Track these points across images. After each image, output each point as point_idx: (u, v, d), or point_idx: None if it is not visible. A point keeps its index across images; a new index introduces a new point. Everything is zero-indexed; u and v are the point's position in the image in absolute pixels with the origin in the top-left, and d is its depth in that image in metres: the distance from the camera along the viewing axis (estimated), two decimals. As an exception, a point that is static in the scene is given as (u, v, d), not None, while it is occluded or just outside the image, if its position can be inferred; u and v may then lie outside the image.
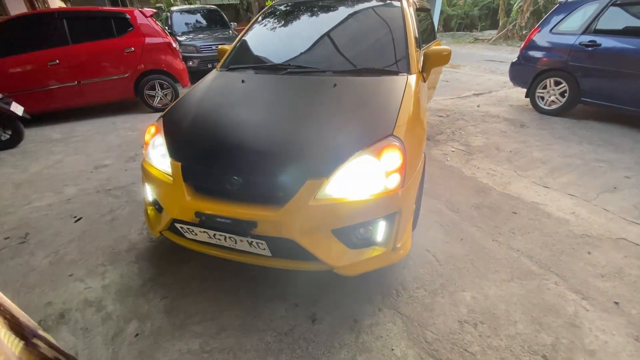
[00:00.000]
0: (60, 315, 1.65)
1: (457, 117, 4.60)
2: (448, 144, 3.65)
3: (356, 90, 1.84)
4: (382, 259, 1.55)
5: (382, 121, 1.58)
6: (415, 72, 2.04)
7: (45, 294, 1.77)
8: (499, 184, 2.75)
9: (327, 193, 1.41)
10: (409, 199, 1.54)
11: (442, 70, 4.22)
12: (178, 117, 1.83)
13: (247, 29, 2.62)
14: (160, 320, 1.60)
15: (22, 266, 1.98)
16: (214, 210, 1.46)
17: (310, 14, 2.56)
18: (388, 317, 1.58)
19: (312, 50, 2.27)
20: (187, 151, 1.62)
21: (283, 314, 1.61)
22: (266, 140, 1.54)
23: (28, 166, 3.37)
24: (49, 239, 2.22)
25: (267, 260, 1.55)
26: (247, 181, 1.45)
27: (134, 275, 1.88)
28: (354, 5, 2.51)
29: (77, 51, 4.37)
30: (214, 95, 1.96)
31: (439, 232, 2.18)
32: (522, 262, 1.90)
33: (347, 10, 2.47)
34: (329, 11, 2.54)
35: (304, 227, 1.40)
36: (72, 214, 2.49)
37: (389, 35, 2.25)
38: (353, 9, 2.47)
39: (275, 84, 1.99)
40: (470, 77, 7.35)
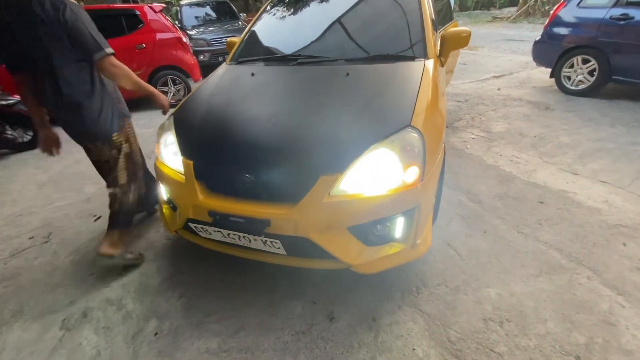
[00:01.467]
0: (83, 314, 1.68)
1: (477, 101, 4.40)
2: (467, 130, 3.49)
3: (370, 79, 1.75)
4: (402, 256, 1.48)
5: (399, 111, 1.50)
6: (432, 56, 1.92)
7: (69, 293, 1.81)
8: (523, 172, 2.61)
9: (342, 189, 1.35)
10: (428, 192, 1.46)
11: (459, 53, 4.02)
12: (188, 114, 1.80)
13: (255, 20, 2.55)
14: (178, 319, 1.61)
15: (46, 265, 2.03)
16: (227, 209, 1.43)
17: (320, 0, 2.45)
18: (408, 315, 1.53)
19: (322, 39, 2.17)
20: (198, 149, 1.59)
21: (300, 312, 1.59)
22: (276, 135, 1.48)
23: (49, 166, 3.45)
24: (71, 238, 2.27)
25: (282, 258, 1.52)
26: (258, 179, 1.41)
27: (153, 274, 1.89)
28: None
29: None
30: (224, 90, 1.92)
31: (461, 225, 2.08)
32: (550, 255, 1.80)
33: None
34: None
35: (319, 225, 1.36)
36: (92, 213, 2.54)
37: (403, 19, 2.13)
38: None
39: (286, 75, 1.92)
40: (489, 59, 7.02)
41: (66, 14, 1.47)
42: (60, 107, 1.65)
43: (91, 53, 1.55)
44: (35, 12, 1.44)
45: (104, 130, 1.74)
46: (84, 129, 1.72)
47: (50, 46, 1.50)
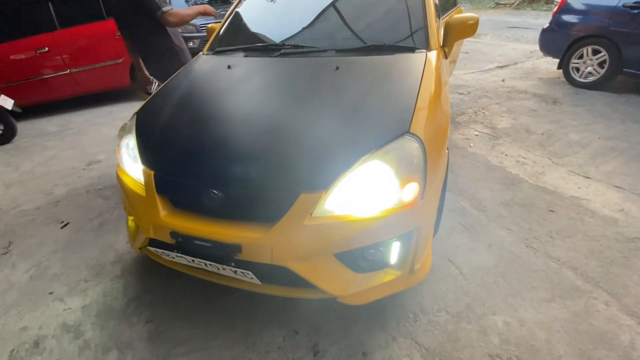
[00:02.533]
0: (34, 343, 1.47)
1: (480, 94, 4.15)
2: (470, 126, 3.26)
3: (363, 74, 1.51)
4: (397, 284, 1.28)
5: (396, 114, 1.27)
6: (435, 47, 1.69)
7: (22, 317, 1.61)
8: (531, 175, 2.40)
9: (327, 209, 1.13)
10: (429, 210, 1.25)
11: (463, 41, 3.75)
12: (152, 114, 1.56)
13: (237, 3, 2.27)
14: (142, 350, 1.41)
15: (2, 282, 1.82)
16: (192, 231, 1.22)
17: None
18: (404, 349, 1.34)
19: (311, 25, 1.92)
20: (161, 157, 1.36)
21: (281, 344, 1.39)
22: (250, 143, 1.25)
23: (20, 164, 3.21)
24: (33, 248, 2.06)
25: (257, 286, 1.31)
26: (228, 195, 1.18)
27: (118, 294, 1.68)
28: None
29: (66, 37, 4.10)
30: (195, 85, 1.67)
31: (463, 237, 1.88)
32: (564, 275, 1.60)
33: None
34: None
35: (299, 251, 1.14)
36: (59, 219, 2.31)
37: (403, 4, 1.87)
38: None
39: (266, 69, 1.68)
40: (492, 48, 6.72)
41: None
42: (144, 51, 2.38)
43: (153, 12, 2.11)
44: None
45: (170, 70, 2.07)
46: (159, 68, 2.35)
47: (132, 10, 2.15)
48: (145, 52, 2.35)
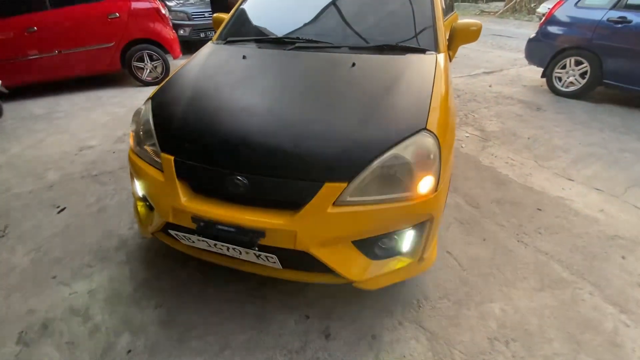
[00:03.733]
0: (43, 325, 1.46)
1: (469, 97, 4.33)
2: (462, 128, 3.41)
3: (379, 72, 1.58)
4: (408, 271, 1.37)
5: (413, 111, 1.34)
6: (443, 50, 1.78)
7: (27, 300, 1.58)
8: (519, 176, 2.56)
9: (349, 199, 1.19)
10: (441, 202, 1.33)
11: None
12: (170, 99, 1.56)
13: (247, -5, 2.28)
14: (155, 333, 1.43)
15: (2, 264, 1.78)
16: (215, 216, 1.25)
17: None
18: (410, 332, 1.43)
19: (325, 21, 1.96)
20: (181, 142, 1.37)
21: (293, 328, 1.45)
22: (276, 133, 1.29)
23: (8, 147, 3.07)
24: (31, 232, 2.01)
25: (276, 271, 1.36)
26: (253, 182, 1.22)
27: (125, 279, 1.68)
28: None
29: (57, 17, 3.93)
30: (212, 73, 1.68)
31: (460, 231, 2.00)
32: (552, 267, 1.75)
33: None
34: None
35: (321, 237, 1.20)
36: (54, 204, 2.26)
37: (414, 7, 1.95)
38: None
39: (283, 61, 1.71)
40: (478, 54, 6.96)
41: None
42: None
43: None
44: None
45: None
46: None
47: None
48: None
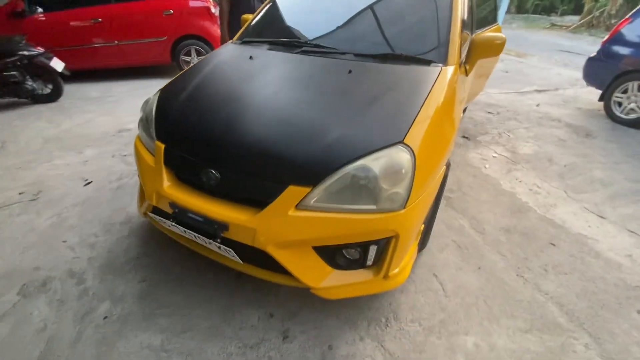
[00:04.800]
0: (43, 282, 1.65)
1: (510, 115, 4.03)
2: (491, 147, 3.19)
3: (373, 80, 1.55)
4: (370, 287, 1.33)
5: (394, 123, 1.30)
6: (453, 63, 1.69)
7: (37, 258, 1.79)
8: (541, 205, 2.33)
9: (312, 204, 1.19)
10: (412, 221, 1.27)
11: (499, 58, 3.65)
12: (173, 92, 1.68)
13: (272, -2, 2.36)
14: (131, 305, 1.54)
15: (26, 224, 2.03)
16: (187, 204, 1.32)
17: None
18: (369, 349, 1.38)
19: (336, 28, 1.96)
20: (173, 133, 1.47)
21: (255, 323, 1.47)
22: (252, 132, 1.33)
23: (61, 122, 3.50)
24: (57, 199, 2.27)
25: (238, 264, 1.39)
26: (224, 177, 1.28)
27: (121, 252, 1.84)
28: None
29: (119, 10, 4.39)
30: (216, 71, 1.78)
31: (455, 254, 1.88)
32: (548, 309, 1.57)
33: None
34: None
35: (280, 238, 1.21)
36: (84, 177, 2.53)
37: (430, 16, 1.88)
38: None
39: (285, 64, 1.75)
40: (536, 70, 6.45)
41: None
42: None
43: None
44: None
45: None
46: None
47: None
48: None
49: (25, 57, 3.60)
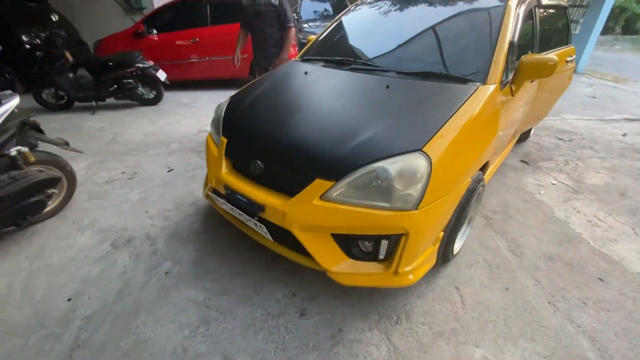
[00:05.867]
0: (127, 240, 2.11)
1: (584, 144, 3.68)
2: (552, 174, 2.98)
3: (408, 95, 1.69)
4: (379, 279, 1.45)
5: (417, 133, 1.43)
6: (494, 82, 1.74)
7: (126, 221, 2.29)
8: (597, 239, 2.14)
9: (334, 196, 1.38)
10: (424, 222, 1.37)
11: (571, 77, 3.40)
12: (241, 98, 2.04)
13: (333, 22, 2.66)
14: (186, 267, 1.89)
15: (122, 196, 2.59)
16: (237, 187, 1.62)
17: (398, 8, 2.41)
18: (375, 339, 1.49)
19: (383, 48, 2.16)
20: (234, 130, 1.81)
21: (279, 298, 1.69)
22: (292, 132, 1.59)
23: (157, 121, 4.27)
24: (146, 180, 2.82)
25: (270, 243, 1.64)
26: (267, 167, 1.55)
27: (186, 226, 2.24)
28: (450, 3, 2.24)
29: (212, 32, 5.20)
30: (276, 83, 2.10)
31: (482, 272, 1.86)
32: (577, 341, 1.48)
33: (440, 8, 2.23)
34: (421, 6, 2.34)
35: (304, 223, 1.42)
36: (168, 165, 3.08)
37: (476, 37, 1.95)
38: (448, 6, 2.21)
39: (333, 79, 1.99)
40: (631, 96, 5.70)
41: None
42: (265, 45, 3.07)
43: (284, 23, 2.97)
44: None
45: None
46: (269, 56, 3.09)
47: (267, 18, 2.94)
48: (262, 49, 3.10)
49: (139, 68, 4.50)
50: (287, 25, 2.96)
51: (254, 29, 2.99)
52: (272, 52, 3.05)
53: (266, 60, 3.08)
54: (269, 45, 3.01)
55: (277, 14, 2.89)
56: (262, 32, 2.96)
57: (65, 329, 1.53)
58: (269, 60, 3.07)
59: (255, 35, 3.03)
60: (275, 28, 2.97)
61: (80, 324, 1.55)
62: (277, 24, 2.95)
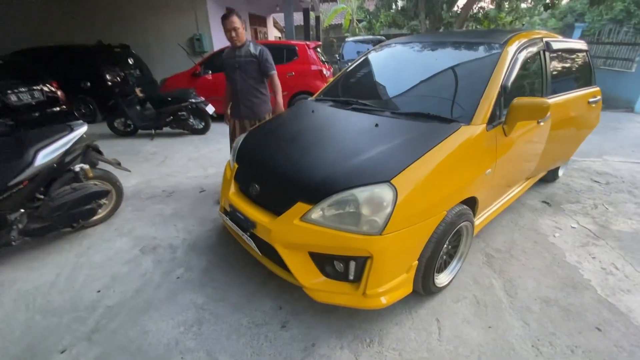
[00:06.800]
0: (154, 247, 2.47)
1: (623, 187, 3.43)
2: (574, 217, 2.84)
3: (393, 133, 1.86)
4: (350, 299, 1.57)
5: (389, 166, 1.59)
6: (479, 122, 1.85)
7: (156, 231, 2.68)
8: (607, 287, 2.01)
9: (312, 217, 1.58)
10: (389, 248, 1.49)
11: (598, 117, 3.26)
12: (255, 132, 2.38)
13: (349, 66, 2.97)
14: (195, 274, 2.17)
15: (157, 210, 3.02)
16: (238, 206, 1.89)
17: (404, 56, 2.65)
18: (344, 357, 1.58)
19: (384, 90, 2.39)
20: (244, 158, 2.12)
21: (266, 310, 1.87)
22: (283, 160, 1.84)
23: (201, 148, 4.86)
24: (181, 198, 3.25)
25: (259, 256, 1.86)
26: (261, 190, 1.81)
27: (203, 240, 2.55)
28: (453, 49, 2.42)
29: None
30: (287, 119, 2.41)
31: (468, 308, 1.87)
32: (552, 388, 1.43)
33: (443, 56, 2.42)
34: (425, 54, 2.56)
35: (286, 240, 1.63)
36: (201, 187, 3.51)
37: (468, 83, 2.10)
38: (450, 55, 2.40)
39: (333, 117, 2.25)
40: (697, 140, 5.12)
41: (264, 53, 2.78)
42: (245, 98, 2.90)
43: (265, 71, 2.82)
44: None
45: (263, 112, 2.96)
46: (253, 111, 2.93)
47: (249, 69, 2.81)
48: (245, 100, 2.89)
49: (193, 103, 5.22)
50: (268, 73, 2.82)
51: (236, 80, 2.84)
52: (253, 102, 2.89)
53: (248, 109, 2.90)
54: (250, 95, 2.88)
55: (258, 64, 2.79)
56: (245, 83, 2.83)
57: (90, 314, 1.86)
58: (251, 110, 2.90)
59: (237, 86, 2.86)
60: (257, 79, 2.86)
61: (102, 312, 1.88)
62: (259, 74, 2.84)
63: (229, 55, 2.85)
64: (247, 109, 2.91)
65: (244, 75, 2.82)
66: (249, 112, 2.92)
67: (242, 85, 2.84)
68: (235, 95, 2.92)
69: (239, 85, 2.85)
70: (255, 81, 2.86)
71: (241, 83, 2.84)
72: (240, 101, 2.90)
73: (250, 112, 2.92)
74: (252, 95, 2.89)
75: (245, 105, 2.90)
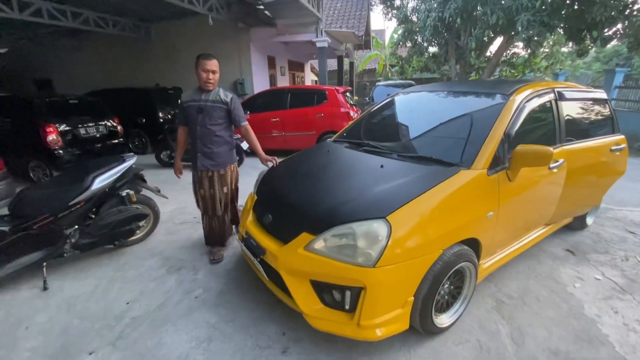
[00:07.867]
0: (179, 268, 2.72)
1: (662, 241, 3.19)
2: (600, 268, 2.70)
3: (395, 173, 2.01)
4: (345, 329, 1.67)
5: (386, 204, 1.73)
6: (480, 167, 1.95)
7: (183, 253, 2.95)
8: (628, 344, 1.89)
9: (314, 247, 1.74)
10: (382, 280, 1.59)
11: (623, 164, 3.16)
12: (276, 168, 2.64)
13: (367, 111, 3.23)
14: (212, 295, 2.36)
15: (188, 234, 3.33)
16: (253, 234, 2.10)
17: (418, 103, 2.86)
18: (337, 386, 1.64)
19: (394, 134, 2.58)
20: (262, 190, 2.37)
21: (270, 334, 1.99)
22: (294, 194, 2.06)
23: (233, 180, 5.26)
24: (209, 225, 3.54)
25: (267, 281, 2.02)
26: (273, 219, 2.02)
27: (223, 264, 2.77)
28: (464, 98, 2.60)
29: (289, 114, 6.39)
30: (305, 157, 2.67)
31: (469, 352, 1.85)
32: None
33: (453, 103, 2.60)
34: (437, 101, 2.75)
35: (290, 267, 1.79)
36: (228, 215, 3.80)
37: (473, 130, 2.22)
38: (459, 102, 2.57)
39: (346, 157, 2.46)
40: None
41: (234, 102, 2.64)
42: (204, 145, 2.62)
43: (238, 122, 2.68)
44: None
45: (224, 163, 2.73)
46: (213, 161, 2.66)
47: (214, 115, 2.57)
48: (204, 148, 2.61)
49: (229, 139, 5.75)
50: (241, 123, 2.66)
51: (195, 124, 2.57)
52: (213, 151, 2.62)
53: (207, 159, 2.63)
54: (209, 142, 2.60)
55: (227, 111, 2.59)
56: (205, 129, 2.56)
57: (118, 322, 2.10)
58: (210, 159, 2.63)
59: (196, 131, 2.58)
60: (223, 126, 2.63)
61: (128, 322, 2.10)
62: (226, 122, 2.64)
63: (192, 98, 2.58)
64: (206, 158, 2.62)
65: (207, 120, 2.55)
66: (209, 162, 2.64)
67: (202, 131, 2.57)
68: (194, 143, 2.64)
69: (199, 131, 2.57)
70: (219, 127, 2.61)
71: (201, 129, 2.57)
72: (198, 149, 2.61)
73: (210, 162, 2.64)
74: (212, 142, 2.60)
75: (204, 153, 2.61)
